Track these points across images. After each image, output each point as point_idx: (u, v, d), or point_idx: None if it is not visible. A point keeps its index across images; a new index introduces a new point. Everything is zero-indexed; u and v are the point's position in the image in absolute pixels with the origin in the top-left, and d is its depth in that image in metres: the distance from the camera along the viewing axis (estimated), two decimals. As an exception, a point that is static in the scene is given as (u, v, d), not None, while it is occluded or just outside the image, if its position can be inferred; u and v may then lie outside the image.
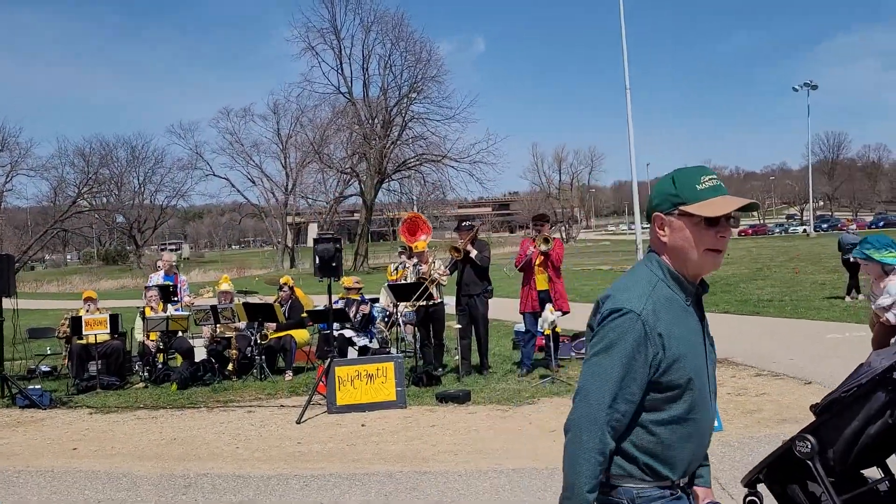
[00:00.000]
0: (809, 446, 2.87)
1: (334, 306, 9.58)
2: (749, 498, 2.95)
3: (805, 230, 72.82)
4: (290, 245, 70.29)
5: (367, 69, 52.60)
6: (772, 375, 8.25)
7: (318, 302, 13.67)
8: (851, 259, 14.69)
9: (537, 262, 9.22)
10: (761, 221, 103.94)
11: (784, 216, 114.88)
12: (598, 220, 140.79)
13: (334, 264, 7.94)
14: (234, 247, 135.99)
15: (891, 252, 5.76)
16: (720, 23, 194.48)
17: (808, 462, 2.78)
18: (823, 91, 54.70)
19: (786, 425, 6.17)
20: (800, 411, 6.61)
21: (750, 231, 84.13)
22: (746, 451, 5.51)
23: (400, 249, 12.95)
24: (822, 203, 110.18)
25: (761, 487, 2.96)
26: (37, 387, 9.15)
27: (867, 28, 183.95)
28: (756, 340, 10.81)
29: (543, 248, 9.16)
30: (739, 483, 3.10)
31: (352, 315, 10.55)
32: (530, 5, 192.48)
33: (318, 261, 7.97)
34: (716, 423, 6.30)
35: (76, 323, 9.63)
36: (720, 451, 5.55)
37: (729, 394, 7.37)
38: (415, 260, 12.17)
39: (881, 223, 73.10)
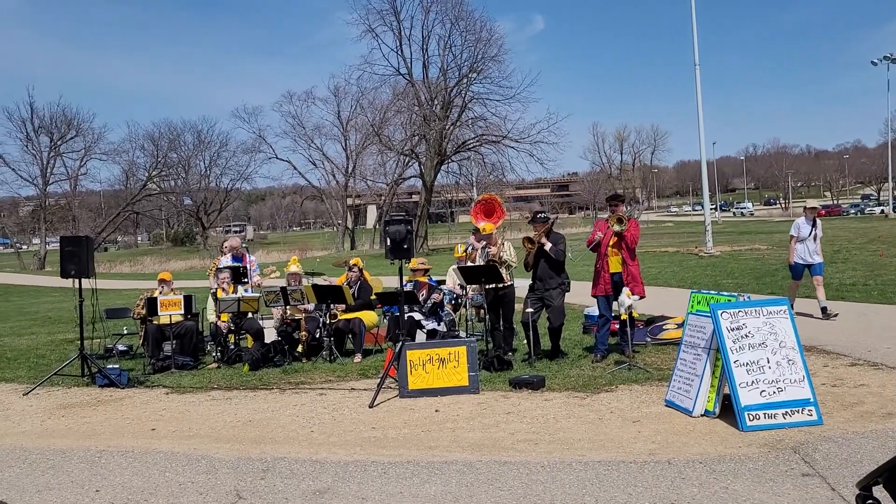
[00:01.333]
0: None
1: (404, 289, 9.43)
2: (868, 502, 2.64)
3: (883, 211, 69.48)
4: (349, 227, 71.01)
5: (426, 50, 52.21)
6: (869, 365, 7.73)
7: (385, 283, 13.60)
8: None
9: (611, 243, 8.88)
10: (835, 202, 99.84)
11: (859, 196, 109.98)
12: (660, 200, 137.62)
13: (406, 246, 7.79)
14: (295, 228, 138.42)
15: None
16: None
17: None
18: (904, 64, 51.44)
19: (892, 420, 5.74)
20: (906, 405, 6.15)
21: (823, 212, 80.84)
22: (853, 449, 5.11)
23: (473, 230, 12.72)
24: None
25: (880, 493, 2.64)
26: (115, 366, 9.32)
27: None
28: (845, 327, 10.21)
29: (617, 228, 8.80)
30: (854, 485, 2.79)
31: (420, 299, 10.39)
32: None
33: (389, 242, 7.82)
34: (710, 408, 5.92)
35: (152, 303, 9.76)
36: (824, 448, 5.17)
37: (824, 384, 6.92)
38: (483, 243, 11.96)
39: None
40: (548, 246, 8.93)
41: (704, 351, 6.31)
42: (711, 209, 33.19)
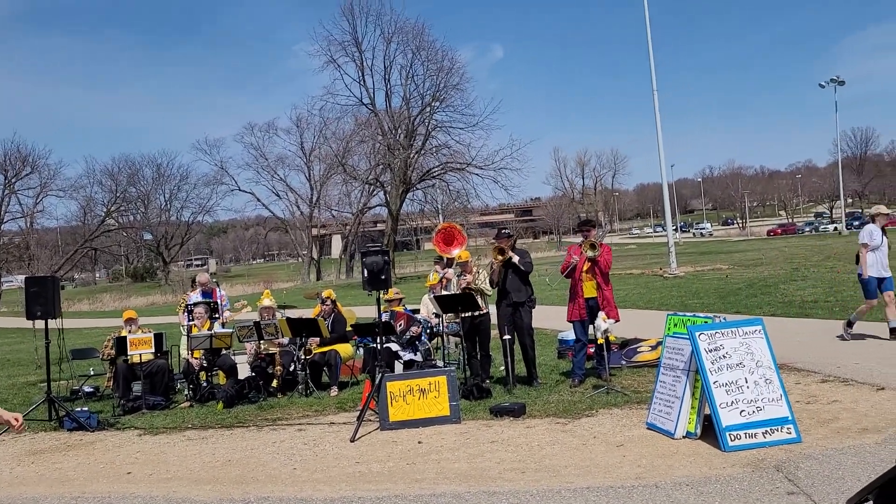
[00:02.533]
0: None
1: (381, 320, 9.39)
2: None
3: (837, 228, 71.53)
4: (315, 257, 70.50)
5: (389, 80, 52.66)
6: (840, 381, 7.91)
7: (358, 314, 13.52)
8: None
9: (585, 268, 8.98)
10: (790, 220, 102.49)
11: (813, 214, 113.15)
12: (622, 223, 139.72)
13: (383, 277, 7.78)
14: (258, 260, 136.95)
15: None
16: (742, 20, 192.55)
17: None
18: (848, 86, 53.71)
19: (868, 435, 5.87)
20: (879, 419, 6.31)
21: (779, 230, 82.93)
22: (834, 466, 5.21)
23: (435, 259, 12.77)
24: (850, 200, 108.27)
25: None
26: (84, 409, 9.06)
27: (890, 21, 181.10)
28: (813, 344, 10.43)
29: (590, 254, 8.91)
30: (844, 503, 2.84)
31: (398, 330, 10.36)
32: (546, 10, 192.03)
33: (366, 273, 7.80)
34: (691, 430, 6.02)
35: (121, 343, 9.55)
36: (806, 466, 5.26)
37: (798, 402, 7.05)
38: (449, 270, 11.99)
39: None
40: (515, 258, 9.01)
41: (684, 373, 6.40)
42: (672, 230, 33.78)
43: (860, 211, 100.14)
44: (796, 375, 8.42)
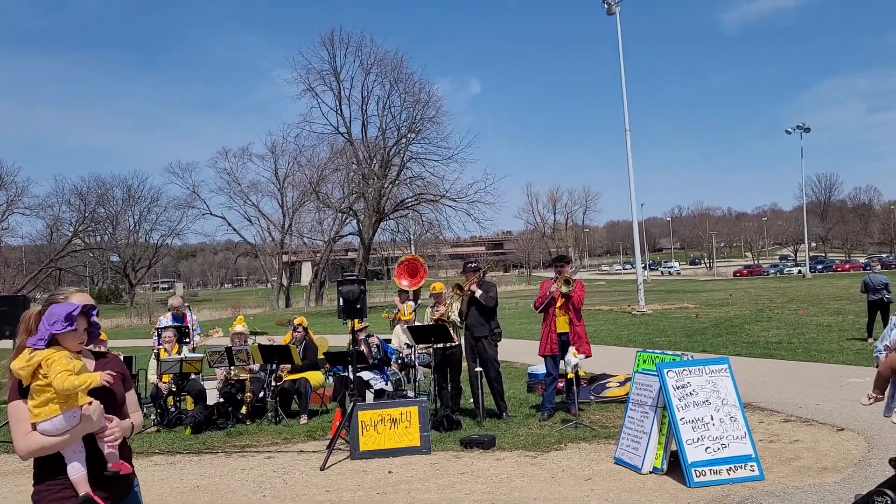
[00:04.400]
0: (889, 501, 2.78)
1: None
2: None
3: (801, 271, 73.10)
4: (284, 284, 69.98)
5: (365, 110, 53.14)
6: (801, 421, 8.12)
7: (330, 342, 13.50)
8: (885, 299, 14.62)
9: (558, 303, 9.13)
10: (756, 262, 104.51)
11: (777, 257, 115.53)
12: (591, 259, 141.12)
13: (359, 306, 7.85)
14: (227, 285, 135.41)
15: None
16: (711, 65, 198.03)
17: None
18: (814, 133, 55.66)
19: (828, 474, 6.05)
20: (839, 459, 6.50)
21: (745, 272, 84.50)
22: (794, 503, 5.36)
23: (398, 291, 12.85)
24: (814, 244, 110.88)
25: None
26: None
27: (854, 71, 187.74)
28: (776, 384, 10.69)
29: (565, 289, 9.07)
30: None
31: (366, 353, 10.40)
32: (524, 47, 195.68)
33: (342, 302, 7.87)
34: (658, 465, 6.16)
35: (89, 365, 9.43)
36: (767, 502, 5.41)
37: (762, 440, 7.23)
38: (411, 304, 12.11)
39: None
40: (478, 293, 9.12)
41: (651, 409, 6.54)
42: (641, 268, 34.29)
43: (823, 255, 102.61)
44: (760, 414, 8.62)
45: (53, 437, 2.70)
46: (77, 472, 2.76)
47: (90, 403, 2.74)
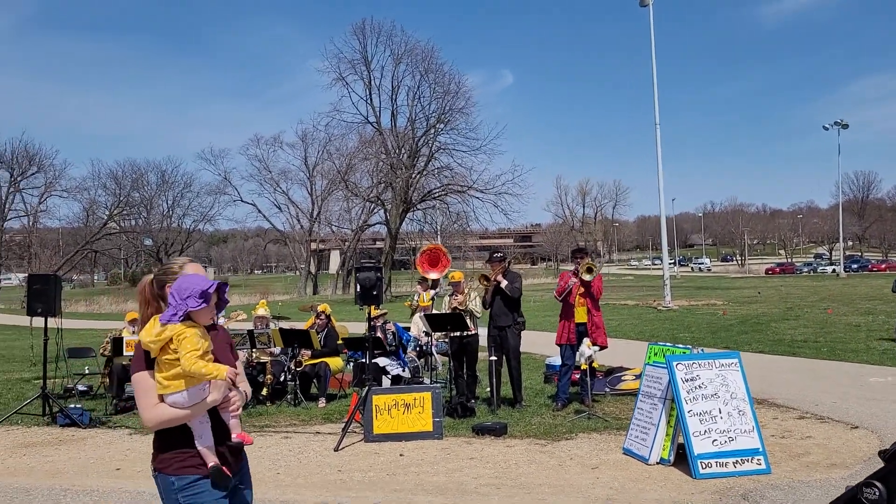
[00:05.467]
0: (878, 493, 2.82)
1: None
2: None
3: (835, 270, 71.77)
4: (312, 271, 70.70)
5: (395, 100, 53.30)
6: (816, 418, 8.10)
7: (350, 330, 13.71)
8: None
9: (578, 294, 9.18)
10: (789, 260, 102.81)
11: (812, 255, 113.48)
12: (621, 254, 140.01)
13: (375, 293, 8.00)
14: (256, 272, 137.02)
15: None
16: (749, 59, 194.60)
17: None
18: (852, 130, 54.53)
19: (836, 470, 6.06)
20: (849, 456, 6.50)
21: (777, 269, 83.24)
22: (798, 496, 5.40)
23: (419, 280, 12.99)
24: (850, 243, 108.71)
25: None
26: (77, 406, 9.24)
27: (895, 68, 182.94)
28: (795, 382, 10.63)
29: (587, 277, 9.09)
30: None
31: (383, 339, 10.58)
32: (558, 41, 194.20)
33: (359, 288, 8.03)
34: (665, 456, 6.19)
35: (117, 343, 9.74)
36: (771, 495, 5.45)
37: (773, 436, 7.24)
38: (430, 292, 12.23)
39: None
40: (503, 283, 9.21)
41: (660, 401, 6.60)
42: (670, 264, 34.02)
43: (860, 254, 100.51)
44: (775, 411, 8.61)
45: (182, 409, 2.73)
46: (205, 442, 2.78)
47: (229, 376, 2.77)
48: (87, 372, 11.38)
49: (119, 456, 7.26)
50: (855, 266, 77.70)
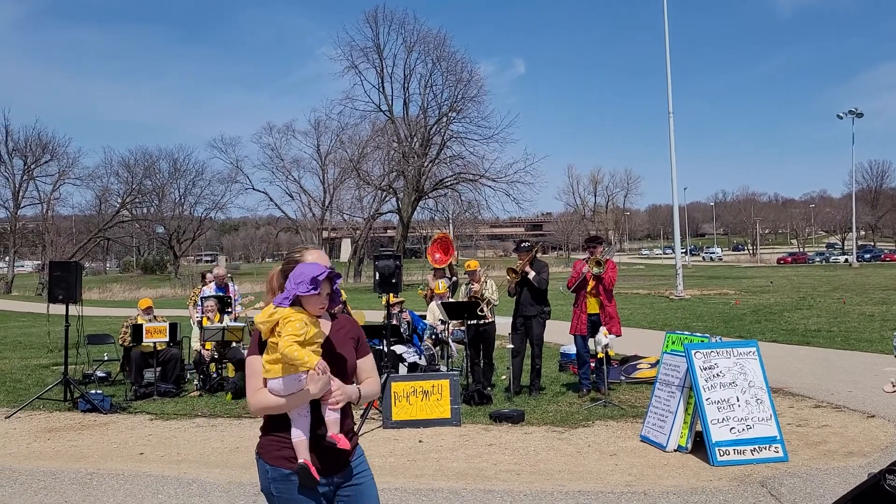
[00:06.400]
0: (900, 479, 2.85)
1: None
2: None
3: (847, 260, 71.32)
4: (324, 260, 70.78)
5: (407, 88, 53.24)
6: (832, 407, 8.12)
7: (367, 318, 13.79)
8: None
9: (590, 284, 9.21)
10: (801, 249, 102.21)
11: (824, 245, 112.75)
12: (632, 243, 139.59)
13: (394, 280, 8.06)
14: (268, 260, 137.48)
15: None
16: (762, 47, 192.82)
17: None
18: (866, 118, 53.88)
19: (854, 458, 6.09)
20: (866, 444, 6.52)
21: (790, 259, 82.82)
22: (816, 484, 5.44)
23: (434, 268, 13.01)
24: (863, 233, 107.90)
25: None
26: (97, 391, 9.37)
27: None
28: (810, 371, 10.64)
29: (595, 270, 9.14)
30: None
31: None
32: (571, 29, 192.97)
33: (378, 276, 8.09)
34: (683, 444, 6.23)
35: (137, 330, 9.86)
36: (789, 482, 5.49)
37: (790, 424, 7.27)
38: (445, 280, 12.27)
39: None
40: (531, 275, 9.24)
41: (678, 389, 6.64)
42: (682, 253, 33.93)
43: (872, 244, 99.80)
44: (791, 400, 8.63)
45: (278, 397, 2.67)
46: (298, 436, 2.70)
47: (318, 369, 2.63)
48: (105, 358, 11.53)
49: (142, 441, 7.38)
50: (868, 256, 77.21)
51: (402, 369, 10.30)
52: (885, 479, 2.91)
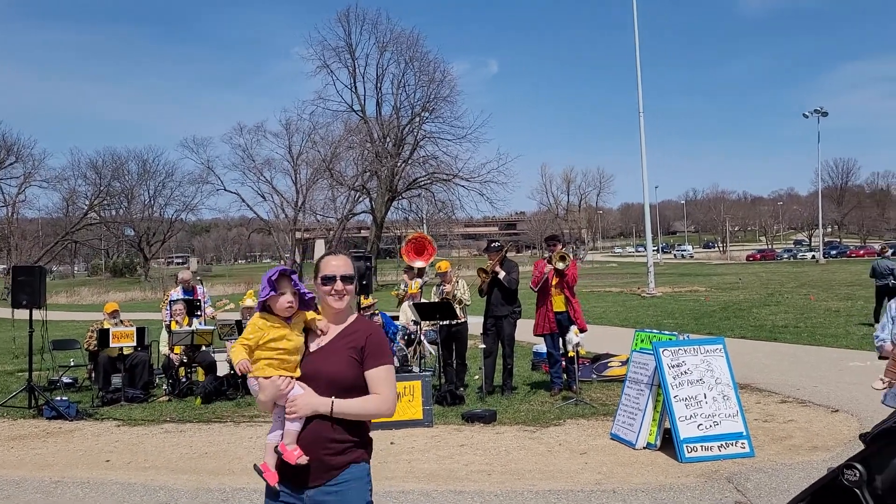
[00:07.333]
0: (858, 474, 2.89)
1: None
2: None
3: (814, 256, 72.59)
4: (297, 261, 70.38)
5: (380, 88, 53.09)
6: (797, 402, 8.26)
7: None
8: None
9: (553, 282, 9.25)
10: (770, 246, 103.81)
11: (792, 242, 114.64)
12: (605, 241, 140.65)
13: (364, 282, 8.02)
14: (240, 261, 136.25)
15: None
16: (732, 46, 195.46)
17: (856, 490, 2.78)
18: (832, 117, 54.92)
19: (818, 453, 6.20)
20: (830, 439, 6.65)
21: (758, 256, 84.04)
22: (782, 479, 5.52)
23: (405, 269, 13.00)
24: (830, 229, 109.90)
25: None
26: (63, 398, 9.20)
27: (875, 56, 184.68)
28: (777, 367, 10.81)
29: (560, 265, 9.16)
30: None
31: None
32: (543, 30, 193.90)
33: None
34: (652, 441, 6.30)
35: (103, 335, 9.70)
36: (755, 478, 5.57)
37: (756, 420, 7.37)
38: (419, 280, 12.26)
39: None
40: (501, 275, 9.26)
41: (647, 386, 6.70)
42: (653, 251, 34.30)
43: (838, 240, 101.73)
44: (758, 395, 8.76)
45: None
46: (269, 438, 2.70)
47: (287, 379, 2.63)
48: (72, 364, 11.32)
49: (108, 448, 7.26)
50: (834, 252, 78.65)
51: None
52: (843, 474, 2.95)
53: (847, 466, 2.91)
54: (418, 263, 11.91)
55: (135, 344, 9.86)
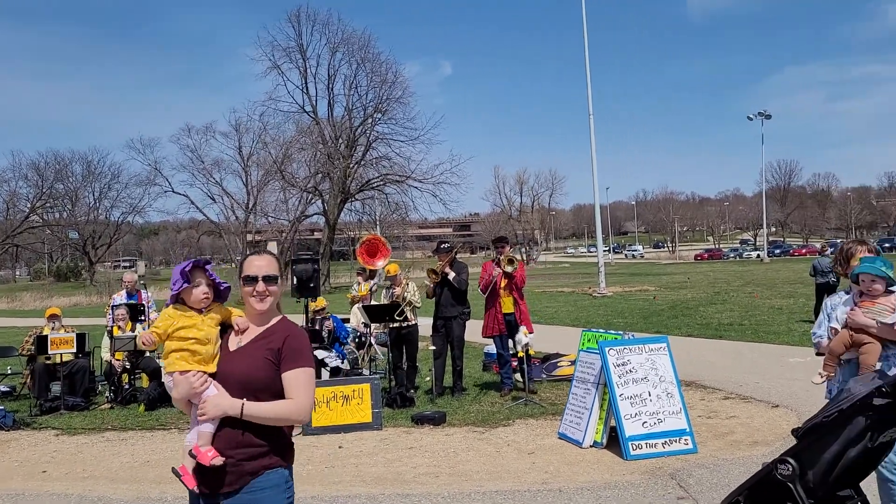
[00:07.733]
0: (790, 469, 2.96)
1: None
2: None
3: (759, 255, 74.62)
4: (249, 263, 69.24)
5: (332, 89, 52.61)
6: (740, 398, 8.46)
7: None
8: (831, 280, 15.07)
9: (502, 284, 9.29)
10: (717, 246, 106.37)
11: (738, 241, 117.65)
12: (557, 242, 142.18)
13: (312, 284, 7.94)
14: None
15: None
16: (677, 51, 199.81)
17: (789, 484, 2.85)
18: (775, 120, 56.78)
19: (758, 448, 6.35)
20: (770, 434, 6.82)
21: (706, 255, 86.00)
22: (723, 474, 5.64)
23: (358, 270, 12.92)
24: (774, 229, 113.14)
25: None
26: (-1, 407, 8.87)
27: (816, 60, 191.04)
28: (721, 364, 11.06)
29: (509, 269, 9.21)
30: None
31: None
32: (496, 31, 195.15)
33: (295, 281, 7.95)
34: (598, 439, 6.43)
35: (41, 342, 9.38)
36: (697, 474, 5.68)
37: (700, 416, 7.53)
38: (371, 283, 12.20)
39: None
40: (451, 275, 9.27)
41: (594, 386, 6.78)
42: (605, 251, 34.81)
43: (782, 240, 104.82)
44: (702, 392, 8.94)
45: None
46: (189, 441, 2.64)
47: (199, 376, 2.57)
48: (9, 372, 10.93)
49: (46, 458, 7.02)
50: (778, 251, 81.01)
51: (325, 374, 10.17)
52: (777, 468, 3.01)
53: (780, 461, 2.98)
54: (379, 264, 11.82)
55: (75, 350, 9.56)
